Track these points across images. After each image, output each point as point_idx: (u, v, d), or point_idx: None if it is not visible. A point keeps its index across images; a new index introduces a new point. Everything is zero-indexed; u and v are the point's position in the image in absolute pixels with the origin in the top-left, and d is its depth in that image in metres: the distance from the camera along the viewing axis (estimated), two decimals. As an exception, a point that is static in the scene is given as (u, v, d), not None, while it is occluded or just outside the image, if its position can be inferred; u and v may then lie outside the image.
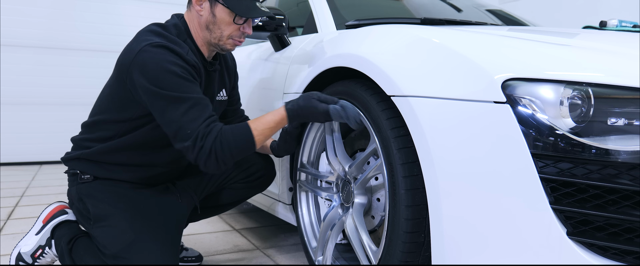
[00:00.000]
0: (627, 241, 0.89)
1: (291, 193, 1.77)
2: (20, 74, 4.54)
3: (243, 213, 2.66)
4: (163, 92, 1.31)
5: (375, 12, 2.28)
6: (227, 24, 1.44)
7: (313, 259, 1.61)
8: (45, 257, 1.60)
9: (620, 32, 1.57)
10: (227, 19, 1.43)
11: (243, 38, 1.49)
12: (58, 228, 1.61)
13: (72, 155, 1.55)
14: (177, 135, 1.32)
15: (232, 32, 1.46)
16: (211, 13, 1.44)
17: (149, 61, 1.32)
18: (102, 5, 4.79)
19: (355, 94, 1.37)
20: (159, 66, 1.31)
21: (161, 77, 1.31)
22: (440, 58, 1.14)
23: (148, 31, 1.42)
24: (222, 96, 1.63)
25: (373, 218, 1.47)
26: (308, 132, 1.65)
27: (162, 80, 1.31)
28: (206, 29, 1.46)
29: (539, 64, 1.01)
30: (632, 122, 0.90)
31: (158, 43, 1.35)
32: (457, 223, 1.05)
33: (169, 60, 1.33)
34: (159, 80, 1.31)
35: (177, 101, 1.31)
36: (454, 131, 1.05)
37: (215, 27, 1.45)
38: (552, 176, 0.92)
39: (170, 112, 1.31)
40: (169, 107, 1.31)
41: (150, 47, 1.34)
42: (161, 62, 1.32)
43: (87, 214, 1.51)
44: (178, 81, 1.32)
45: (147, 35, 1.40)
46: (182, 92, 1.32)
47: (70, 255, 1.52)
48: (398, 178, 1.19)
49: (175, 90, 1.31)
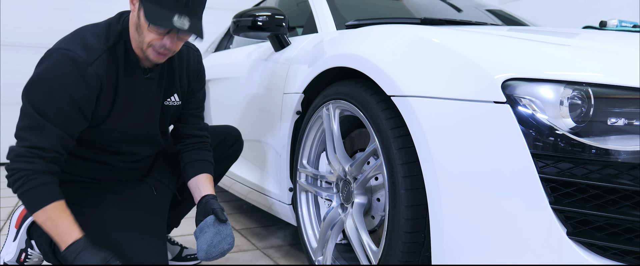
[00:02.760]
0: (627, 241, 0.89)
1: (291, 193, 1.77)
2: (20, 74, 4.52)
3: (243, 213, 2.66)
4: (25, 99, 1.29)
5: (375, 12, 2.28)
6: (148, 30, 1.30)
7: (313, 259, 1.61)
8: (31, 258, 1.60)
9: (620, 32, 1.57)
10: (145, 23, 1.30)
11: (165, 51, 1.33)
12: (33, 227, 1.59)
13: None
14: (15, 137, 1.32)
15: (152, 40, 1.31)
16: (138, 15, 1.32)
17: (42, 66, 1.30)
18: (101, 5, 4.78)
19: (355, 94, 1.37)
20: (43, 76, 1.28)
21: (37, 85, 1.29)
22: (440, 58, 1.14)
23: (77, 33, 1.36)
24: (172, 101, 1.54)
25: (373, 218, 1.47)
26: (308, 132, 1.65)
27: (34, 88, 1.29)
28: (136, 31, 1.34)
29: (539, 64, 1.01)
30: (632, 122, 0.90)
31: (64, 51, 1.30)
32: (457, 223, 1.05)
33: (58, 73, 1.28)
34: (33, 86, 1.29)
35: (27, 114, 1.29)
36: (454, 131, 1.05)
37: (140, 30, 1.32)
38: (552, 176, 0.92)
39: (19, 119, 1.31)
40: (21, 112, 1.31)
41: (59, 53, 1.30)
42: (49, 73, 1.28)
43: None
44: (46, 99, 1.28)
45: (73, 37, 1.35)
46: (37, 111, 1.27)
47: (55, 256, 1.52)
48: (398, 178, 1.19)
49: (34, 104, 1.28)
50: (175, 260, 1.87)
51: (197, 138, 1.64)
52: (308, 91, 1.64)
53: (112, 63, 1.36)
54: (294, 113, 1.69)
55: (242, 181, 2.19)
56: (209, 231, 1.42)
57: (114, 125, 1.42)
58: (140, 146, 1.55)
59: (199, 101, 1.66)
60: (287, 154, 1.75)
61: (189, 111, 1.63)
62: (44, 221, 1.29)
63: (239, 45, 2.80)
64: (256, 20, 1.85)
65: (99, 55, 1.32)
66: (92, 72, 1.30)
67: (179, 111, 1.59)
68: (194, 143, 1.63)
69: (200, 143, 1.64)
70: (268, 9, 1.89)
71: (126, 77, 1.39)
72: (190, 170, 1.58)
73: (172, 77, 1.53)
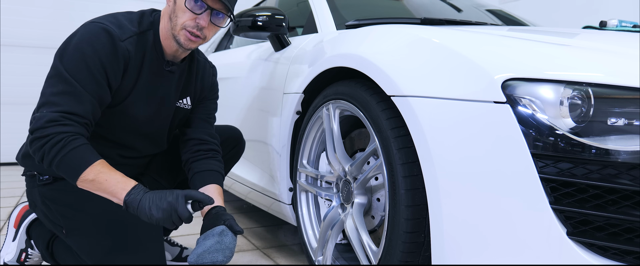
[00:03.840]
0: (627, 241, 0.89)
1: (291, 193, 1.77)
2: (20, 74, 4.54)
3: (243, 213, 2.66)
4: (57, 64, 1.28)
5: (375, 12, 2.28)
6: (182, 11, 1.35)
7: (313, 259, 1.61)
8: (31, 258, 1.60)
9: (620, 32, 1.57)
10: (182, 5, 1.35)
11: (197, 32, 1.36)
12: (32, 226, 1.59)
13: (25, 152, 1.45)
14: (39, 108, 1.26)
15: (186, 20, 1.35)
16: (173, 1, 1.38)
17: (76, 35, 1.31)
18: (101, 5, 4.78)
19: (355, 94, 1.37)
20: (77, 42, 1.28)
21: (69, 51, 1.28)
22: (440, 58, 1.14)
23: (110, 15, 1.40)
24: (184, 104, 1.55)
25: (373, 218, 1.47)
26: (308, 132, 1.65)
27: (67, 53, 1.28)
28: (169, 20, 1.39)
29: (539, 64, 1.01)
30: (632, 122, 0.90)
31: (99, 23, 1.32)
32: (457, 223, 1.05)
33: (92, 41, 1.29)
34: (65, 51, 1.28)
35: (60, 79, 1.26)
36: (454, 131, 1.05)
37: (174, 15, 1.37)
38: (552, 176, 0.92)
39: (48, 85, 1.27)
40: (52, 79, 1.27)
41: (93, 24, 1.32)
42: (83, 40, 1.28)
43: (56, 220, 1.44)
44: (79, 64, 1.26)
45: (107, 16, 1.39)
46: (71, 75, 1.26)
47: (53, 257, 1.52)
48: (398, 178, 1.19)
49: (68, 69, 1.26)
50: (176, 260, 1.87)
51: (206, 145, 1.58)
52: (308, 91, 1.64)
53: (141, 47, 1.38)
54: (294, 113, 1.69)
55: (242, 181, 2.19)
56: (212, 239, 1.31)
57: (129, 109, 1.41)
58: (143, 142, 1.52)
59: (211, 109, 1.65)
60: (287, 154, 1.75)
61: (199, 115, 1.61)
62: (96, 176, 1.22)
63: (239, 45, 2.80)
64: (256, 20, 1.85)
65: (130, 35, 1.36)
66: (123, 47, 1.33)
67: (187, 115, 1.59)
68: (204, 151, 1.56)
69: (211, 151, 1.58)
70: (268, 9, 1.89)
71: (150, 64, 1.41)
72: (198, 180, 1.51)
73: (190, 79, 1.55)
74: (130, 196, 1.23)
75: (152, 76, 1.42)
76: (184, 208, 1.23)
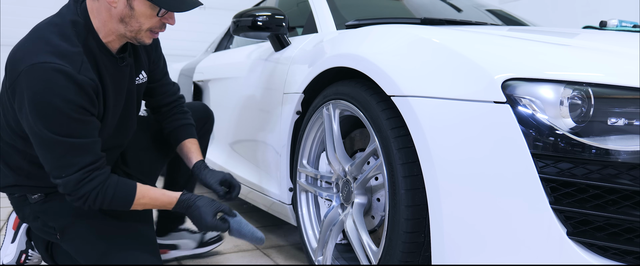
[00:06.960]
0: (627, 241, 0.89)
1: (291, 193, 1.77)
2: (20, 74, 4.54)
3: (243, 213, 2.66)
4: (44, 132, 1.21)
5: (375, 12, 2.28)
6: (147, 17, 1.29)
7: (313, 259, 1.61)
8: (31, 259, 1.60)
9: (620, 32, 1.57)
10: (148, 12, 1.29)
11: (164, 29, 1.36)
12: None
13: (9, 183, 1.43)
14: (51, 173, 1.27)
15: (153, 25, 1.32)
16: (128, 6, 1.27)
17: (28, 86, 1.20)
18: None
19: (355, 94, 1.37)
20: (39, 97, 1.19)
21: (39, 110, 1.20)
22: (440, 58, 1.14)
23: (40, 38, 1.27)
24: (141, 78, 1.53)
25: (373, 218, 1.47)
26: (308, 132, 1.65)
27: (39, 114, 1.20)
28: (120, 22, 1.30)
29: (539, 64, 1.01)
30: (632, 122, 0.90)
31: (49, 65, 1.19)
32: (457, 223, 1.05)
33: (53, 89, 1.19)
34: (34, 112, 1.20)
35: (54, 143, 1.23)
36: (454, 131, 1.05)
37: (133, 20, 1.29)
38: (552, 176, 0.92)
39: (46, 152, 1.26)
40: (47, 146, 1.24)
41: (40, 67, 1.19)
42: (44, 93, 1.19)
43: (49, 229, 1.45)
44: (59, 121, 1.21)
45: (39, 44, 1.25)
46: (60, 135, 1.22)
47: (53, 258, 1.52)
48: (398, 178, 1.19)
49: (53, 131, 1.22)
50: (200, 246, 1.90)
51: (171, 104, 1.68)
52: (308, 91, 1.64)
53: (94, 63, 1.31)
54: (294, 113, 1.69)
55: (242, 181, 2.19)
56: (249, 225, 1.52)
57: (110, 121, 1.40)
58: (121, 137, 1.51)
59: (162, 70, 1.66)
60: (287, 154, 1.75)
61: (157, 83, 1.64)
62: (145, 204, 1.38)
63: (239, 45, 2.80)
64: (256, 20, 1.85)
65: (80, 61, 1.26)
66: (84, 79, 1.24)
67: (145, 86, 1.58)
68: (169, 109, 1.67)
69: (175, 106, 1.68)
70: (268, 9, 1.89)
71: (107, 70, 1.35)
72: (173, 139, 1.66)
73: (137, 56, 1.50)
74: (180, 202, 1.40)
75: (113, 78, 1.38)
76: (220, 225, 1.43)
